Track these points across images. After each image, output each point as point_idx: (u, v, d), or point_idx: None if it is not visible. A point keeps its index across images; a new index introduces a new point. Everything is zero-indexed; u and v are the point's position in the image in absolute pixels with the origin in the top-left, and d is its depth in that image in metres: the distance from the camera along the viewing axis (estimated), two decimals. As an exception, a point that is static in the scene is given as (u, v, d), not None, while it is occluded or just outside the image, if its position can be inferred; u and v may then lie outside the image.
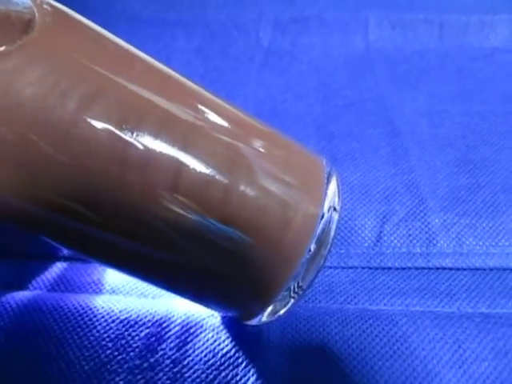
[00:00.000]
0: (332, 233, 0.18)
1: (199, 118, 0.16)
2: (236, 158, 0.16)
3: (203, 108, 0.17)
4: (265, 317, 0.19)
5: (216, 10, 0.46)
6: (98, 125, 0.14)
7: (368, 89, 0.39)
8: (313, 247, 0.17)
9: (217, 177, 0.15)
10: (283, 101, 0.38)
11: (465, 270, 0.26)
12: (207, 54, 0.42)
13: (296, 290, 0.18)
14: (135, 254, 0.16)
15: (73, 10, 0.16)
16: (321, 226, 0.17)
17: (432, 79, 0.40)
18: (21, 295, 0.24)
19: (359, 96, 0.38)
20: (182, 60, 0.43)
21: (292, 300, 0.19)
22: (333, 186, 0.19)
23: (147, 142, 0.14)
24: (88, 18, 0.17)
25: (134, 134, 0.14)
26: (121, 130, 0.14)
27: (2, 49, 0.13)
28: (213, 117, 0.17)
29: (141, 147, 0.14)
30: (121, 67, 0.16)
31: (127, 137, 0.14)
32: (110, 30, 0.17)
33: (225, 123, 0.17)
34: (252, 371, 0.21)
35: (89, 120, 0.14)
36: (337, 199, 0.19)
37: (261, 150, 0.17)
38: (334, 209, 0.18)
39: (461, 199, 0.29)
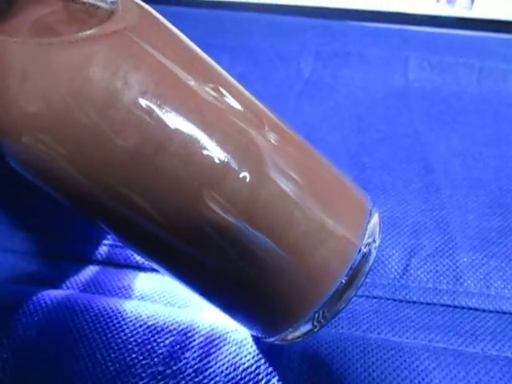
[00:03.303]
0: (366, 269, 0.18)
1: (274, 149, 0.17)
2: (278, 169, 0.16)
3: (273, 133, 0.17)
4: (282, 338, 0.19)
5: (261, 38, 0.48)
6: (152, 114, 0.15)
7: (403, 125, 0.39)
8: (345, 279, 0.17)
9: (262, 190, 0.16)
10: (319, 129, 0.39)
11: (491, 312, 0.26)
12: (249, 79, 0.43)
13: (320, 318, 0.18)
14: (178, 251, 0.17)
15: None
16: (358, 258, 0.18)
17: (468, 121, 0.40)
18: (55, 293, 0.24)
19: (394, 131, 0.38)
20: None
21: (313, 327, 0.19)
22: (374, 221, 0.19)
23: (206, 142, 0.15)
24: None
25: (183, 126, 0.15)
26: (168, 118, 0.15)
27: (90, 32, 0.14)
28: (289, 150, 0.17)
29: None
30: (193, 73, 0.16)
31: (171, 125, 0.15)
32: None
33: (295, 153, 0.18)
34: None
35: (143, 109, 0.14)
36: (377, 235, 0.19)
37: (313, 172, 0.18)
38: (374, 241, 0.19)
39: (490, 241, 0.29)
